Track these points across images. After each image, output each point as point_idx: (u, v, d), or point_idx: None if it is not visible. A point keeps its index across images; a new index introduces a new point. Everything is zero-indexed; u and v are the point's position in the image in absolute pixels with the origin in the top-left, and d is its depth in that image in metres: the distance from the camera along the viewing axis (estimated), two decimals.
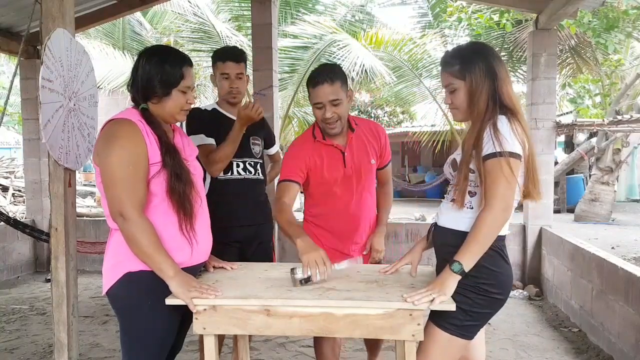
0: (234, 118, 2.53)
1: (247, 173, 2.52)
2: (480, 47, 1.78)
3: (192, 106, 1.89)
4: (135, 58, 1.78)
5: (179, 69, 1.72)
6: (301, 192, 2.36)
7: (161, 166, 1.65)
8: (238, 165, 2.50)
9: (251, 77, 3.49)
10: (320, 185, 2.29)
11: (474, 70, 1.67)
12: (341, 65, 3.38)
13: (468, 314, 1.67)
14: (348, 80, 2.29)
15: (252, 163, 2.55)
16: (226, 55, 2.48)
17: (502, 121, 1.63)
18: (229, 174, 2.49)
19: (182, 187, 1.66)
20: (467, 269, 1.60)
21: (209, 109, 2.55)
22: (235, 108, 2.56)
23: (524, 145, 1.64)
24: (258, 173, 2.58)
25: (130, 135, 1.61)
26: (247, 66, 2.61)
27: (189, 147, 1.87)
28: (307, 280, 1.74)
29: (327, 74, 2.10)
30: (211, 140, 2.43)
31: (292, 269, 1.79)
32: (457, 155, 1.77)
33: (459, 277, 1.60)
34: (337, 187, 2.28)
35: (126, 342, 1.72)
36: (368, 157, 2.30)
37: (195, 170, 1.81)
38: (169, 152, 1.67)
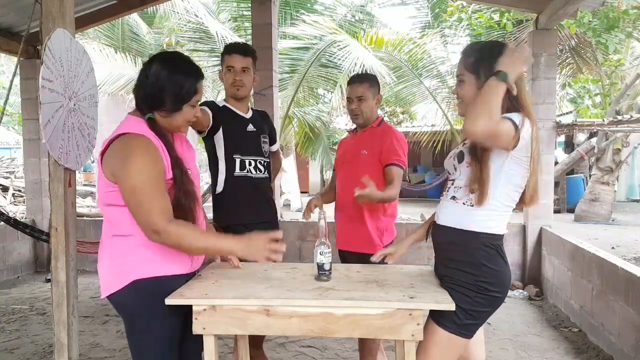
0: (241, 114, 2.54)
1: (258, 172, 2.54)
2: (501, 48, 1.72)
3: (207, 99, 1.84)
4: (144, 61, 1.72)
5: (193, 83, 1.67)
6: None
7: (172, 182, 1.65)
8: (250, 164, 2.51)
9: None
10: (337, 168, 2.72)
11: (485, 67, 1.65)
12: (341, 66, 3.70)
13: (468, 313, 1.67)
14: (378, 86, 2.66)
15: (262, 162, 2.57)
16: (233, 48, 2.49)
17: (514, 114, 1.63)
18: (245, 171, 2.50)
19: (188, 203, 1.66)
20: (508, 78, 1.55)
21: (220, 105, 2.55)
22: (242, 103, 2.56)
23: (530, 139, 1.62)
24: (266, 172, 2.60)
25: (150, 153, 1.58)
26: (255, 66, 2.58)
27: (188, 152, 1.85)
28: (323, 270, 1.78)
29: (360, 76, 2.61)
30: (208, 111, 2.37)
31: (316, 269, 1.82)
32: (463, 147, 1.75)
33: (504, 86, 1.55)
34: (339, 170, 2.66)
35: (134, 345, 1.73)
36: (362, 147, 2.53)
37: (195, 178, 1.79)
38: (178, 166, 1.65)
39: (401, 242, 2.05)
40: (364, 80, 2.55)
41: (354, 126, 2.71)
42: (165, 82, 1.63)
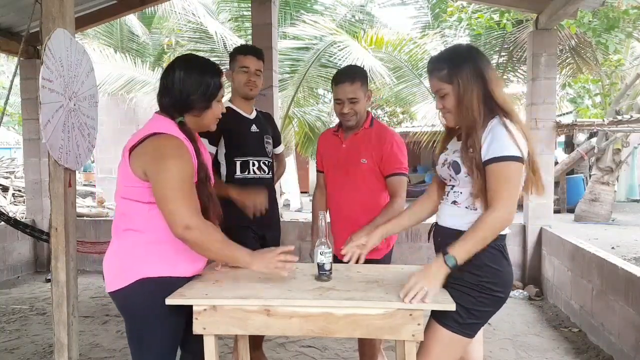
0: (245, 115, 2.54)
1: (262, 172, 2.53)
2: (466, 50, 1.75)
3: None
4: (164, 69, 1.77)
5: (217, 80, 1.74)
6: None
7: (197, 183, 1.69)
8: (254, 165, 2.50)
9: None
10: (326, 171, 2.54)
11: (461, 73, 1.66)
12: (341, 66, 3.47)
13: (470, 312, 1.67)
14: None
15: (266, 162, 2.56)
16: (248, 50, 2.52)
17: (499, 125, 1.63)
18: (246, 172, 2.48)
19: (210, 205, 1.72)
20: (460, 262, 1.61)
21: (225, 105, 2.54)
22: (247, 104, 2.56)
23: (524, 146, 1.63)
24: (270, 172, 2.59)
25: (183, 153, 1.64)
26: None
27: (205, 152, 1.88)
28: (323, 270, 1.78)
29: (349, 74, 2.33)
30: (213, 149, 2.42)
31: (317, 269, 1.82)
32: (455, 157, 1.74)
33: (448, 271, 1.61)
34: (331, 174, 2.50)
35: (135, 344, 1.74)
36: (360, 155, 2.37)
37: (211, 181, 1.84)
38: (203, 170, 1.71)
39: (372, 234, 1.94)
40: (355, 79, 2.31)
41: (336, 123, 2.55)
42: (192, 85, 1.70)
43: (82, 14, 5.19)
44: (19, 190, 8.77)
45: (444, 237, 1.79)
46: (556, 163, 10.34)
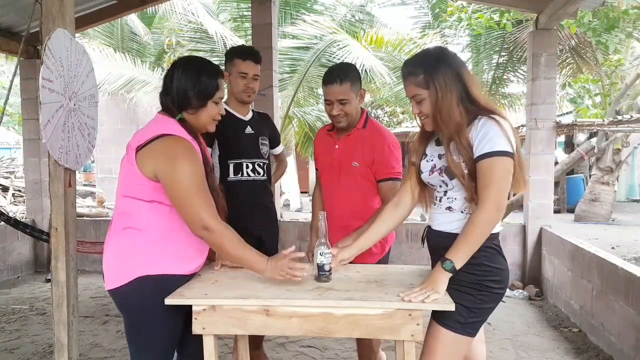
0: (242, 117, 2.53)
1: (256, 174, 2.51)
2: (442, 53, 1.72)
3: None
4: (167, 69, 1.83)
5: (214, 80, 1.77)
6: None
7: None
8: (247, 167, 2.48)
9: None
10: (321, 171, 2.50)
11: (438, 78, 1.64)
12: None
13: (472, 311, 1.68)
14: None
15: (261, 164, 2.53)
16: (247, 54, 2.45)
17: (490, 121, 1.62)
18: (239, 175, 2.46)
19: (216, 199, 1.74)
20: (458, 267, 1.62)
21: None
22: (243, 106, 2.55)
23: (514, 142, 1.63)
24: (265, 174, 2.56)
25: (193, 154, 1.67)
26: None
27: (205, 147, 1.90)
28: (323, 270, 1.77)
29: (339, 74, 2.22)
30: (207, 151, 2.41)
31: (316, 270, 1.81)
32: (445, 162, 1.70)
33: (450, 275, 1.63)
34: (326, 175, 2.45)
35: (134, 343, 1.74)
36: (352, 158, 2.31)
37: None
38: (208, 165, 1.75)
39: (344, 249, 1.91)
40: (344, 79, 2.20)
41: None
42: (189, 82, 1.73)
43: (82, 14, 5.19)
44: (19, 190, 8.78)
45: (440, 240, 1.79)
46: (556, 163, 10.34)
